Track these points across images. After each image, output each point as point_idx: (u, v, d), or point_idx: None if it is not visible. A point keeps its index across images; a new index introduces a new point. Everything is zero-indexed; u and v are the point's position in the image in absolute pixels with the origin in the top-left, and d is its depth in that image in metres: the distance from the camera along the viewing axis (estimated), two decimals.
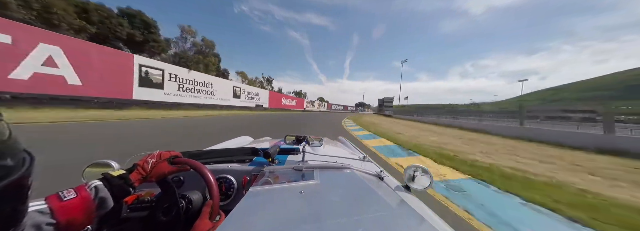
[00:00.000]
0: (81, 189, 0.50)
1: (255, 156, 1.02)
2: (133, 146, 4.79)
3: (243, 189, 0.88)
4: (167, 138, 6.24)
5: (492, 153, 5.68)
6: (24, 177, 0.30)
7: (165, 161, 0.67)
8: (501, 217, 2.20)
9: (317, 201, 0.60)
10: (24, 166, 0.30)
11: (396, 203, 0.68)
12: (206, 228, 0.53)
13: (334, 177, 0.82)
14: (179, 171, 0.69)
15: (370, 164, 1.21)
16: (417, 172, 0.90)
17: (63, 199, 0.46)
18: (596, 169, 4.20)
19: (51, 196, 0.46)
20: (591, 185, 3.23)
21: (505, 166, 4.22)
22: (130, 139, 5.69)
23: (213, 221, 0.56)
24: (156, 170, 0.64)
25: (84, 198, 0.48)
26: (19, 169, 0.29)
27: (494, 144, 7.36)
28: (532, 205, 2.50)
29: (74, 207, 0.46)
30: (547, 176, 3.64)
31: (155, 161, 0.66)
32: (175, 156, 0.70)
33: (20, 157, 0.31)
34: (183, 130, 8.15)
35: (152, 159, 0.66)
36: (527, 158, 5.09)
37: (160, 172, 0.65)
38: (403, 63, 56.19)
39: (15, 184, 0.29)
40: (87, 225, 0.49)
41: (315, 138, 1.61)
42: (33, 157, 0.33)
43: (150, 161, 0.65)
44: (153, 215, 0.63)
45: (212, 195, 0.61)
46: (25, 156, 0.32)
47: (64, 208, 0.44)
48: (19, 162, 0.30)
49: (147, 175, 0.63)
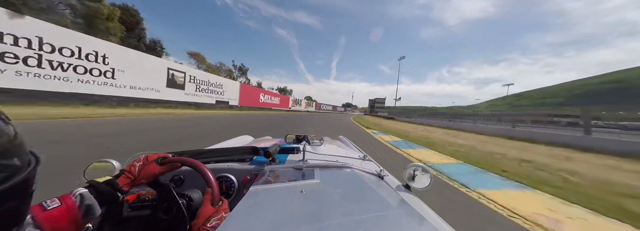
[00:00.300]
0: (66, 198, 0.49)
1: (256, 155, 1.03)
2: None
3: (243, 189, 0.87)
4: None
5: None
6: (29, 178, 0.30)
7: (153, 163, 0.66)
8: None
9: (318, 201, 0.60)
10: (30, 167, 0.31)
11: (396, 202, 0.68)
12: (209, 213, 0.54)
13: (335, 176, 0.83)
14: (170, 170, 0.69)
15: (371, 163, 1.19)
16: (417, 171, 0.89)
17: (46, 208, 0.45)
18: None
19: (34, 206, 0.44)
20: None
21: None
22: None
23: (215, 207, 0.57)
24: (144, 172, 0.64)
25: (69, 207, 0.47)
26: (25, 169, 0.30)
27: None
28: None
29: (59, 216, 0.45)
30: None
31: (142, 164, 0.66)
32: (163, 157, 0.69)
33: (26, 158, 0.31)
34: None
35: (139, 162, 0.66)
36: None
37: (149, 173, 0.64)
38: (400, 60, 52.97)
39: (21, 184, 0.29)
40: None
41: (316, 137, 1.65)
42: (38, 158, 0.33)
43: (137, 164, 0.65)
44: (154, 214, 0.63)
45: (209, 184, 0.62)
46: (31, 158, 0.32)
47: (48, 218, 0.44)
48: (25, 163, 0.31)
49: (135, 178, 0.62)
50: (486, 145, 7.12)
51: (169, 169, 0.69)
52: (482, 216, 2.20)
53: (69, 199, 0.49)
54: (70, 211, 0.47)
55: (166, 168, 0.67)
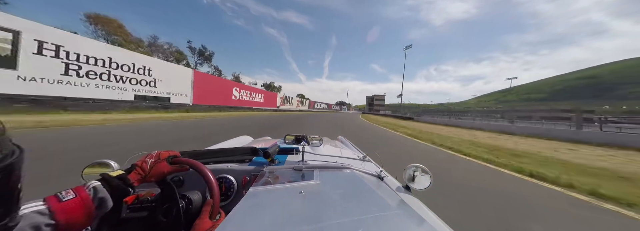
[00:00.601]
0: (80, 190, 0.49)
1: (255, 156, 1.01)
2: None
3: (243, 190, 0.86)
4: None
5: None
6: (14, 164, 0.33)
7: (164, 161, 0.65)
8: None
9: (317, 202, 0.59)
10: (14, 156, 0.33)
11: (396, 203, 0.67)
12: (206, 227, 0.53)
13: (334, 177, 0.81)
14: (178, 171, 0.68)
15: (370, 164, 1.19)
16: (417, 172, 0.89)
17: (62, 199, 0.45)
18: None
19: (50, 197, 0.45)
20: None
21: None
22: None
23: (213, 220, 0.56)
24: (155, 170, 0.63)
25: (83, 199, 0.48)
26: (9, 158, 0.33)
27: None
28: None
29: (74, 207, 0.46)
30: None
31: (154, 161, 0.64)
32: (174, 156, 0.68)
33: (10, 148, 0.34)
34: None
35: (151, 159, 0.65)
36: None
37: (159, 172, 0.63)
38: (407, 49, 48.33)
39: (5, 170, 0.32)
40: (87, 226, 0.49)
41: (315, 137, 1.61)
42: (22, 150, 0.35)
43: (149, 161, 0.64)
44: (153, 215, 0.62)
45: (212, 194, 0.60)
46: (15, 149, 0.34)
47: (64, 209, 0.44)
48: (9, 153, 0.33)
49: (146, 175, 0.61)
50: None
51: (178, 170, 0.67)
52: None
53: (83, 191, 0.49)
54: (85, 203, 0.47)
55: (175, 168, 0.66)
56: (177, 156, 0.68)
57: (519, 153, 5.44)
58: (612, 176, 3.50)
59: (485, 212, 2.09)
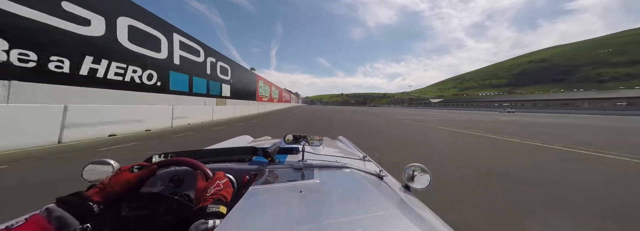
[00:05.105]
0: (32, 215, 0.50)
1: (255, 156, 1.02)
2: None
3: (243, 189, 0.84)
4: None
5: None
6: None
7: (125, 171, 0.67)
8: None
9: (317, 201, 0.59)
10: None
11: (396, 202, 0.67)
12: (202, 186, 0.60)
13: (334, 176, 0.82)
14: (147, 175, 0.69)
15: (370, 163, 1.19)
16: (417, 171, 0.89)
17: (11, 228, 0.45)
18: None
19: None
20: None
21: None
22: None
23: (206, 181, 0.62)
24: (115, 180, 0.63)
25: (36, 221, 0.48)
26: None
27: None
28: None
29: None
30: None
31: (114, 173, 0.66)
32: (140, 166, 0.70)
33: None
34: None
35: (112, 172, 0.70)
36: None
37: (121, 180, 0.64)
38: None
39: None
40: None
41: (315, 137, 1.64)
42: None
43: (110, 174, 0.67)
44: (153, 214, 0.63)
45: (194, 166, 0.68)
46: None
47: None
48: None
49: (105, 187, 0.61)
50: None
51: (145, 175, 0.68)
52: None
53: (35, 216, 0.49)
54: (39, 226, 0.47)
55: (140, 173, 0.67)
56: (142, 166, 0.69)
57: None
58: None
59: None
